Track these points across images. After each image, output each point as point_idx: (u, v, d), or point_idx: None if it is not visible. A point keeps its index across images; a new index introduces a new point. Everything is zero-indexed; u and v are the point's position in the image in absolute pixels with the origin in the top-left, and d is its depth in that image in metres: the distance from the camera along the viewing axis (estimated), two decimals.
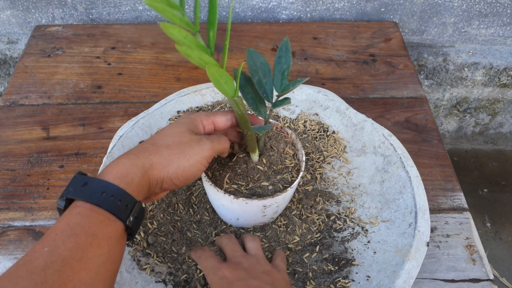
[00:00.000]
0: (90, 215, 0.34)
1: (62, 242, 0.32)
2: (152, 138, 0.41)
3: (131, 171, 0.37)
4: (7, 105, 0.70)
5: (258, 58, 0.45)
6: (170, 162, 0.39)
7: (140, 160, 0.38)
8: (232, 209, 0.49)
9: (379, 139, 0.60)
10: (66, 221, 0.33)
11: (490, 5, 0.89)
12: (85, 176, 0.36)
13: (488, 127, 1.21)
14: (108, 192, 0.35)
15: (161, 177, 0.39)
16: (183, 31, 0.36)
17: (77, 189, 0.35)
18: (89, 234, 0.33)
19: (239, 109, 0.42)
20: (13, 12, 0.87)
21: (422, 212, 0.52)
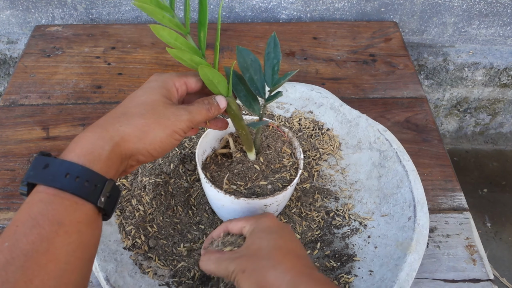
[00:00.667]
0: (54, 201, 0.31)
1: (23, 235, 0.29)
2: (122, 106, 0.37)
3: (97, 146, 0.33)
4: (7, 105, 0.70)
5: (248, 55, 0.45)
6: (145, 133, 0.36)
7: (108, 133, 0.34)
8: (232, 209, 0.49)
9: (374, 134, 0.60)
10: (27, 210, 0.30)
11: (490, 5, 0.89)
12: (46, 157, 0.33)
13: (488, 127, 1.21)
14: (72, 174, 0.31)
15: (136, 149, 0.36)
16: (173, 33, 0.36)
17: (38, 172, 0.32)
18: (54, 223, 0.30)
19: (232, 108, 0.42)
20: (13, 12, 0.87)
21: (420, 205, 0.52)
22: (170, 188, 0.57)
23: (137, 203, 0.55)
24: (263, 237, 0.40)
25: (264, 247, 0.39)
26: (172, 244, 0.53)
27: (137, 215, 0.53)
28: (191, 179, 0.59)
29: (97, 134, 0.34)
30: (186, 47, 0.37)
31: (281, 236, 0.40)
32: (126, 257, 0.50)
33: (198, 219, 0.55)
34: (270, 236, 0.40)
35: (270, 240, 0.39)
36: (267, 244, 0.39)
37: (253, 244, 0.40)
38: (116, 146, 0.34)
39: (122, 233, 0.52)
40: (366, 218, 0.55)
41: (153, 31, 0.34)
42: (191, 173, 0.59)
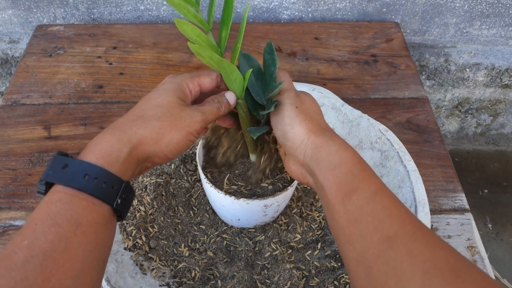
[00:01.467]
0: (72, 201, 0.31)
1: (42, 234, 0.29)
2: (138, 108, 0.38)
3: (116, 148, 0.34)
4: (9, 105, 0.70)
5: (252, 62, 0.45)
6: (162, 135, 0.36)
7: (126, 135, 0.35)
8: (233, 209, 0.49)
9: (376, 134, 0.60)
10: (46, 209, 0.31)
11: (492, 5, 0.89)
12: (65, 157, 0.33)
13: (490, 128, 1.21)
14: (91, 175, 0.32)
15: (153, 152, 0.36)
16: (196, 29, 0.36)
17: (57, 172, 0.32)
18: (72, 223, 0.30)
19: (242, 111, 0.42)
20: (15, 11, 0.87)
21: (421, 205, 0.52)
22: (171, 188, 0.57)
23: (138, 203, 0.55)
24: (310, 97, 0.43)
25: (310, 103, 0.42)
26: (173, 244, 0.53)
27: (138, 216, 0.53)
28: (192, 180, 0.59)
29: (115, 136, 0.35)
30: (207, 44, 0.37)
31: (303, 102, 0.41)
32: (127, 257, 0.50)
33: (199, 219, 0.55)
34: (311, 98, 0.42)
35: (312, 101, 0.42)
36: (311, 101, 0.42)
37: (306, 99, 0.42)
38: (133, 149, 0.35)
39: (123, 233, 0.52)
40: None
41: (177, 25, 0.35)
42: (192, 173, 0.59)
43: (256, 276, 0.51)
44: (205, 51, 0.36)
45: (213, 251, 0.53)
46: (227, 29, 0.39)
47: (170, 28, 0.84)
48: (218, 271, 0.51)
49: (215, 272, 0.51)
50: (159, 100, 0.38)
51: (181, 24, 0.35)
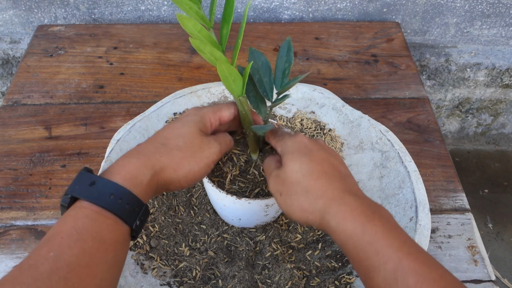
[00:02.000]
0: (98, 219, 0.33)
1: (68, 247, 0.30)
2: (161, 136, 0.40)
3: (140, 173, 0.36)
4: (10, 105, 0.70)
5: (260, 57, 0.45)
6: (182, 166, 0.38)
7: (150, 162, 0.37)
8: (234, 209, 0.49)
9: (376, 135, 0.60)
10: (73, 224, 0.32)
11: (493, 5, 0.89)
12: (92, 174, 0.35)
13: (490, 128, 1.21)
14: (116, 195, 0.33)
15: (170, 179, 0.38)
16: (198, 25, 0.36)
17: (84, 188, 0.34)
18: (96, 239, 0.32)
19: (243, 108, 0.42)
20: (16, 11, 0.87)
21: (422, 206, 0.52)
22: None
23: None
24: (294, 159, 0.39)
25: (296, 171, 0.38)
26: (174, 244, 0.53)
27: None
28: None
29: (141, 161, 0.36)
30: (208, 40, 0.38)
31: (311, 159, 0.39)
32: (128, 257, 0.50)
33: (199, 219, 0.56)
34: (301, 158, 0.39)
35: (302, 163, 0.38)
36: (299, 167, 0.38)
37: (286, 166, 0.39)
38: (155, 175, 0.37)
39: None
40: None
41: (179, 20, 0.35)
42: None
43: (257, 275, 0.51)
44: (206, 46, 0.37)
45: (214, 251, 0.53)
46: (228, 27, 0.39)
47: (170, 28, 0.84)
48: (219, 270, 0.51)
49: (216, 271, 0.51)
50: (182, 130, 0.40)
51: (183, 19, 0.35)
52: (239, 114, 0.45)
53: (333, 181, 0.37)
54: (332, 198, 0.36)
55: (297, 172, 0.38)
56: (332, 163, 0.39)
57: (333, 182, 0.37)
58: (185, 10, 0.37)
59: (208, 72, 0.76)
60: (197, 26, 0.36)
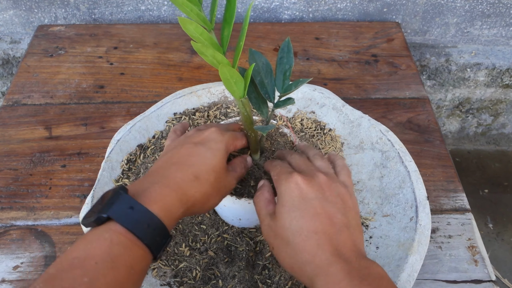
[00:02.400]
0: (132, 248, 0.32)
1: (102, 275, 0.30)
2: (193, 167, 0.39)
3: (175, 207, 0.36)
4: (10, 105, 0.70)
5: (260, 59, 0.45)
6: (209, 201, 0.40)
7: (185, 197, 0.37)
8: (234, 209, 0.49)
9: (377, 135, 0.60)
10: (107, 250, 0.31)
11: (493, 5, 0.89)
12: (131, 198, 0.34)
13: (491, 128, 1.21)
14: (151, 226, 0.33)
15: (195, 211, 0.39)
16: (199, 28, 0.36)
17: (123, 211, 0.33)
18: (128, 268, 0.32)
19: (245, 110, 0.42)
20: (16, 12, 0.87)
21: (422, 206, 0.52)
22: None
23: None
24: (286, 214, 0.37)
25: (287, 228, 0.37)
26: (174, 244, 0.53)
27: None
28: None
29: (178, 195, 0.37)
30: (210, 43, 0.38)
31: (303, 214, 0.36)
32: None
33: (200, 219, 0.56)
34: (292, 214, 0.37)
35: (292, 220, 0.37)
36: (289, 225, 0.36)
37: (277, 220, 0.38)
38: (187, 210, 0.37)
39: None
40: (368, 218, 0.55)
41: (180, 24, 0.35)
42: None
43: (257, 276, 0.51)
44: (208, 50, 0.37)
45: (214, 251, 0.53)
46: (229, 28, 0.39)
47: (171, 28, 0.84)
48: (219, 270, 0.51)
49: (216, 271, 0.51)
50: (213, 162, 0.40)
51: (185, 23, 0.35)
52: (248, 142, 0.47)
53: (322, 243, 0.35)
54: (320, 266, 0.34)
55: (287, 229, 0.36)
56: (326, 215, 0.36)
57: (323, 245, 0.35)
58: (186, 13, 0.36)
59: (208, 72, 0.76)
60: (199, 29, 0.36)
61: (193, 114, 0.64)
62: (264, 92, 0.44)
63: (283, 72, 0.44)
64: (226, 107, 0.65)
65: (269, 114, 0.45)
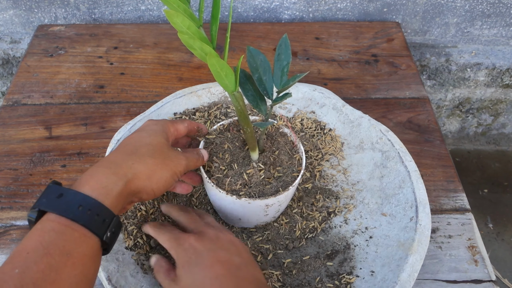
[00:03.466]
0: (65, 232, 0.31)
1: (34, 263, 0.29)
2: (130, 145, 0.39)
3: (111, 181, 0.35)
4: (10, 105, 0.70)
5: (258, 56, 0.45)
6: (155, 172, 0.38)
7: (122, 169, 0.36)
8: (234, 209, 0.49)
9: (377, 135, 0.60)
10: (39, 238, 0.31)
11: (493, 5, 0.89)
12: (60, 187, 0.34)
13: (491, 128, 1.21)
14: (85, 206, 0.32)
15: (143, 187, 0.38)
16: (186, 21, 0.36)
17: (51, 200, 0.32)
18: (64, 253, 0.30)
19: (238, 104, 0.42)
20: (16, 11, 0.87)
21: (422, 206, 0.52)
22: None
23: (139, 203, 0.55)
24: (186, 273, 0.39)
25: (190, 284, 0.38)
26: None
27: (139, 215, 0.53)
28: None
29: (111, 170, 0.36)
30: (198, 36, 0.38)
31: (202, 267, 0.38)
32: (128, 257, 0.50)
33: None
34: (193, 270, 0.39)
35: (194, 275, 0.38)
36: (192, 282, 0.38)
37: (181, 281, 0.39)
38: (128, 182, 0.36)
39: (124, 233, 0.52)
40: (368, 218, 0.55)
41: (167, 16, 0.35)
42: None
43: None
44: (196, 42, 0.37)
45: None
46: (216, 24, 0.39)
47: (171, 28, 0.84)
48: None
49: None
50: (150, 139, 0.40)
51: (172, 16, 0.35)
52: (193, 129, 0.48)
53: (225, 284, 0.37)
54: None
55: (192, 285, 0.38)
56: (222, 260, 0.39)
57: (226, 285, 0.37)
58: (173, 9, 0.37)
59: (208, 72, 0.76)
60: (186, 22, 0.36)
61: (193, 114, 0.64)
62: (262, 89, 0.44)
63: (281, 69, 0.44)
64: (227, 107, 0.65)
65: (267, 111, 0.45)
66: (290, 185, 0.47)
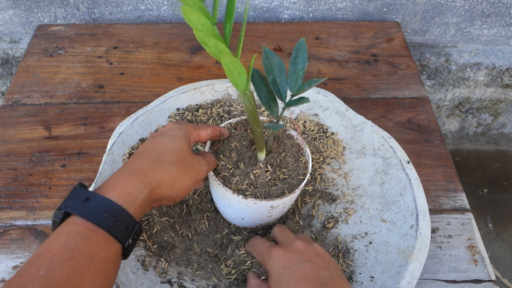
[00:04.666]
0: (90, 237, 0.32)
1: (59, 266, 0.30)
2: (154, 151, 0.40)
3: (136, 189, 0.35)
4: (10, 105, 0.70)
5: (274, 58, 0.45)
6: (177, 181, 0.39)
7: (148, 178, 0.37)
8: (239, 209, 0.49)
9: (379, 141, 0.60)
10: (64, 241, 0.31)
11: (493, 5, 0.89)
12: (86, 190, 0.34)
13: (490, 128, 1.21)
14: (110, 212, 0.33)
15: (166, 194, 0.38)
16: (202, 18, 0.36)
17: (78, 204, 0.33)
18: (88, 258, 0.31)
19: (250, 103, 0.42)
20: (16, 11, 0.87)
21: (423, 214, 0.52)
22: None
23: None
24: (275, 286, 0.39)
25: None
26: (174, 241, 0.53)
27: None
28: None
29: (138, 177, 0.36)
30: (212, 34, 0.37)
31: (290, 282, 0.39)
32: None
33: (199, 217, 0.55)
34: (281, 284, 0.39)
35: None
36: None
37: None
38: (152, 191, 0.37)
39: None
40: (368, 224, 0.55)
41: (183, 13, 0.35)
42: None
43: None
44: (210, 40, 0.36)
45: (213, 250, 0.53)
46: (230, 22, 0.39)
47: (170, 28, 0.84)
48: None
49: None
50: (173, 145, 0.41)
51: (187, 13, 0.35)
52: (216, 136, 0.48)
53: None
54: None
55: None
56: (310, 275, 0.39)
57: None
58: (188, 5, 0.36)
59: (208, 72, 0.76)
60: (201, 19, 0.36)
61: (196, 110, 0.64)
62: (276, 90, 0.44)
63: (296, 72, 0.44)
64: (230, 105, 0.65)
65: (279, 113, 0.45)
66: (296, 188, 0.47)
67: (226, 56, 0.37)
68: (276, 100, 0.45)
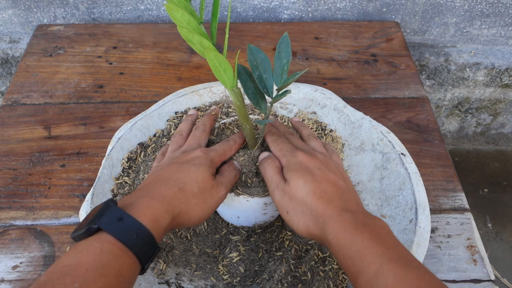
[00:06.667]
0: (121, 257, 0.34)
1: (92, 281, 0.31)
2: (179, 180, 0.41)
3: (162, 217, 0.38)
4: (9, 104, 0.70)
5: (258, 54, 0.45)
6: (195, 212, 0.41)
7: (171, 207, 0.39)
8: (233, 207, 0.49)
9: (378, 136, 0.60)
10: (98, 257, 0.33)
11: (492, 5, 0.89)
12: (120, 209, 0.36)
13: (490, 128, 1.21)
14: (139, 235, 0.35)
15: (182, 222, 0.40)
16: (186, 15, 0.36)
17: (112, 222, 0.35)
18: (117, 276, 0.33)
19: (238, 100, 0.42)
20: (15, 11, 0.87)
21: (422, 208, 0.52)
22: None
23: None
24: (299, 177, 0.42)
25: (301, 188, 0.41)
26: (172, 242, 0.53)
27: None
28: None
29: (164, 206, 0.38)
30: (197, 32, 0.38)
31: (313, 178, 0.41)
32: None
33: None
34: (305, 176, 0.42)
35: (305, 181, 0.41)
36: (303, 185, 0.41)
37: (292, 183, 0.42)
38: (173, 219, 0.39)
39: None
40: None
41: (167, 11, 0.35)
42: None
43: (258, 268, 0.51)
44: (195, 36, 0.37)
45: (213, 249, 0.53)
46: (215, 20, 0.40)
47: (170, 28, 0.84)
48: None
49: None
50: (197, 175, 0.42)
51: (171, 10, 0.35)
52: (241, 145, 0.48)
53: (332, 199, 0.40)
54: (331, 216, 0.39)
55: (302, 190, 0.41)
56: (331, 181, 0.42)
57: (333, 200, 0.40)
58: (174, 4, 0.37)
59: (207, 72, 0.76)
60: (186, 17, 0.36)
61: None
62: (262, 86, 0.44)
63: (281, 67, 0.44)
64: (228, 107, 0.65)
65: (267, 109, 0.45)
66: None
67: (210, 52, 0.37)
68: (264, 96, 0.46)
